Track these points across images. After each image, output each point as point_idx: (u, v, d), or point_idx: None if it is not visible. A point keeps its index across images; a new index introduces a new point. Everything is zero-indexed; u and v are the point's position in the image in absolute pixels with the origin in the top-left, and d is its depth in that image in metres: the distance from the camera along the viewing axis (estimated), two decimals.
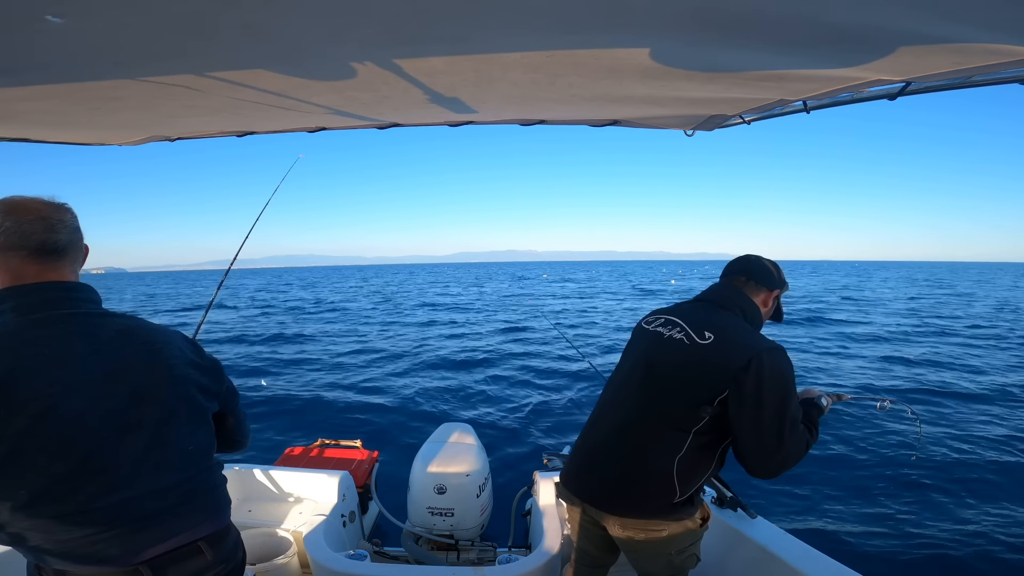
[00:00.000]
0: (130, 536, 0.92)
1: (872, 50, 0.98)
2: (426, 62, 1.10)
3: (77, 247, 1.00)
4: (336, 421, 6.59)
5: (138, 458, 0.93)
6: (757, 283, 1.57)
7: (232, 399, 1.15)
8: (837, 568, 1.61)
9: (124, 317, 1.01)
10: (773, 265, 1.62)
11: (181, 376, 1.01)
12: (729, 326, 1.45)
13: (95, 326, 0.95)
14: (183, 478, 0.99)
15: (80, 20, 0.84)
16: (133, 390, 0.94)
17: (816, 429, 1.51)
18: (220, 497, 1.09)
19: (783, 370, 1.37)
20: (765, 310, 1.59)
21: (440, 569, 2.11)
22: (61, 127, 1.70)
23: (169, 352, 1.01)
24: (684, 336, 1.46)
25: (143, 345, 0.98)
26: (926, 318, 16.91)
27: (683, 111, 1.63)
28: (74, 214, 1.00)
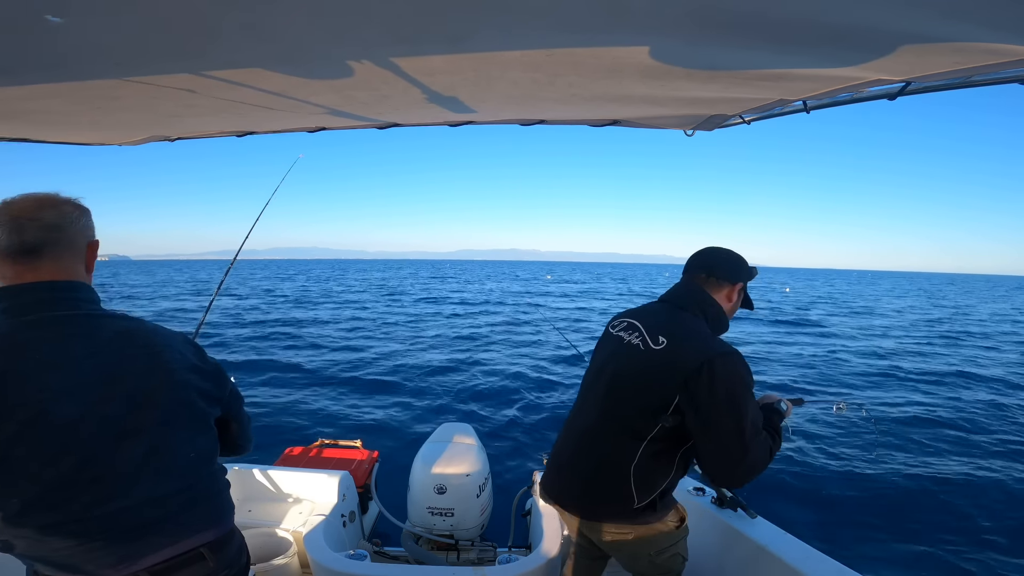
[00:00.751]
0: (128, 545, 0.90)
1: (872, 50, 0.98)
2: (425, 61, 1.10)
3: (59, 244, 0.93)
4: (336, 421, 6.60)
5: (136, 465, 0.91)
6: (719, 279, 1.51)
7: (235, 404, 1.13)
8: (837, 568, 1.61)
9: (124, 318, 0.99)
10: (735, 257, 1.55)
11: (181, 381, 0.98)
12: (684, 330, 1.41)
13: (93, 328, 0.92)
14: (184, 485, 0.97)
15: (80, 20, 0.84)
16: (131, 394, 0.91)
17: (779, 435, 1.46)
18: (223, 503, 1.07)
19: (737, 375, 1.31)
20: (730, 305, 1.53)
21: (440, 569, 2.11)
22: (61, 127, 1.70)
23: (170, 355, 0.97)
24: (640, 341, 1.44)
25: (143, 348, 0.95)
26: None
27: (683, 111, 1.63)
28: (63, 211, 0.95)
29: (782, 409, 1.55)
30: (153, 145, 2.10)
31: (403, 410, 7.13)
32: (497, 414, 7.06)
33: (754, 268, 1.58)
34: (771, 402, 1.56)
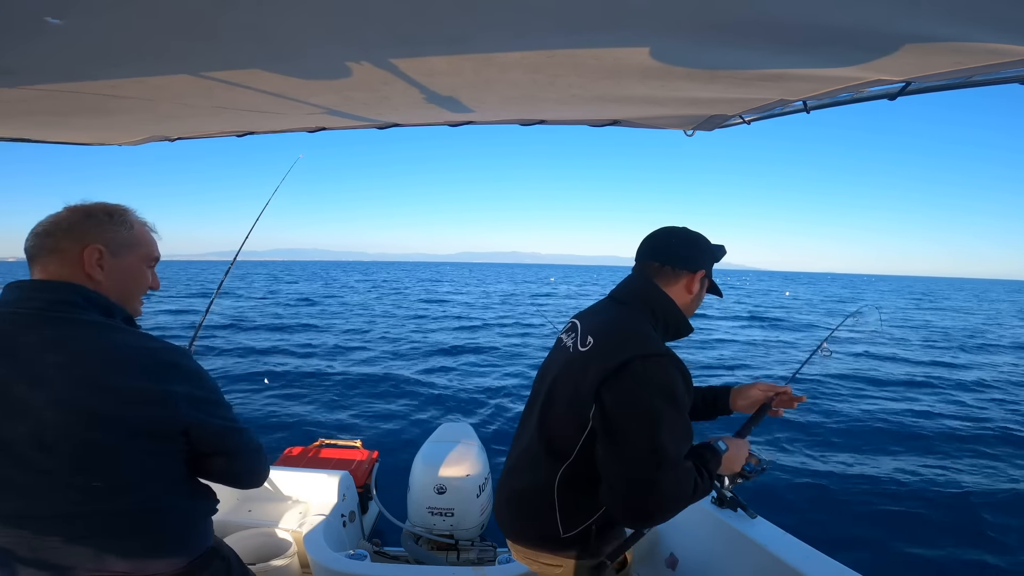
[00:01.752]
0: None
1: (872, 50, 0.98)
2: (426, 62, 1.10)
3: (45, 249, 0.93)
4: (336, 421, 6.60)
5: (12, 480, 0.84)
6: (675, 267, 1.26)
7: (216, 439, 0.99)
8: (837, 568, 1.61)
9: (65, 324, 0.88)
10: (693, 238, 1.30)
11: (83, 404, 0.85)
12: (615, 327, 1.19)
13: (23, 327, 0.87)
14: (82, 511, 0.88)
15: (80, 20, 0.84)
16: (17, 400, 0.83)
17: (708, 476, 1.16)
18: (167, 538, 0.96)
19: (660, 382, 1.06)
20: (690, 297, 1.28)
21: (440, 569, 2.12)
22: (61, 127, 1.70)
23: (88, 373, 0.85)
24: (572, 343, 1.24)
25: (62, 356, 0.85)
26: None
27: (683, 111, 1.62)
28: (56, 218, 0.95)
29: (720, 448, 1.24)
30: (153, 145, 2.10)
31: (403, 410, 7.13)
32: (497, 414, 7.06)
33: (720, 247, 1.34)
34: (709, 441, 1.28)
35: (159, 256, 1.07)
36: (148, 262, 1.05)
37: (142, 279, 1.03)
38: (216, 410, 0.98)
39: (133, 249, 1.01)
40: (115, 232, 0.98)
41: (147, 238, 1.05)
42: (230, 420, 1.00)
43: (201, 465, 1.00)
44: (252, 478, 1.09)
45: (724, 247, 1.35)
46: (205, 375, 0.97)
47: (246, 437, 1.04)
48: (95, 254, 0.94)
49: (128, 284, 1.00)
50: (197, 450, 0.97)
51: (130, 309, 1.02)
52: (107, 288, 0.96)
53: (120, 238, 0.98)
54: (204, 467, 1.01)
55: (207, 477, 1.03)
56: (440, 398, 7.81)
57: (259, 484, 1.11)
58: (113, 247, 0.97)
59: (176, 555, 0.97)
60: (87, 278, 0.94)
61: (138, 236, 1.02)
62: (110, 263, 0.96)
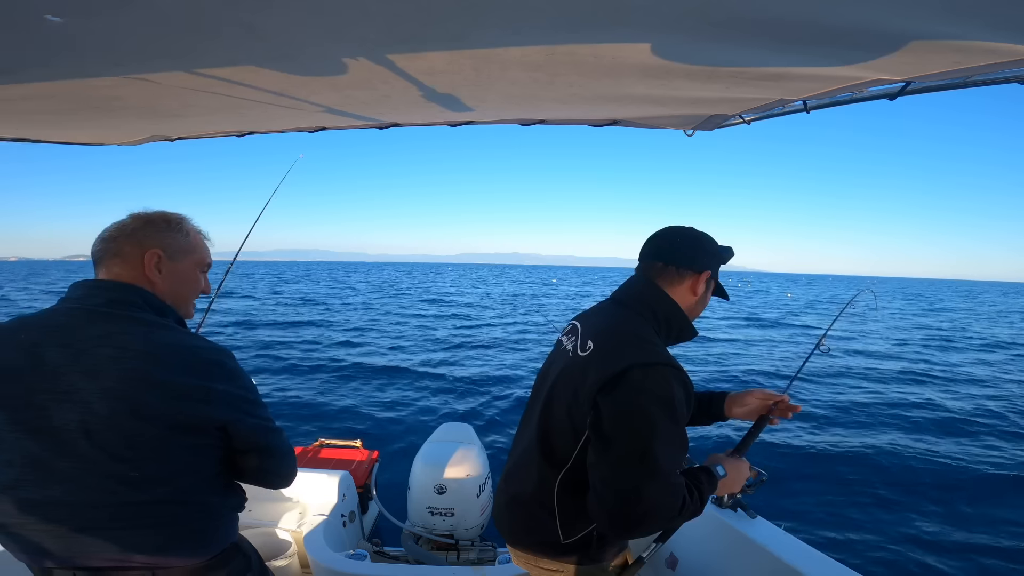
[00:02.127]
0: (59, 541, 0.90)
1: (872, 49, 0.98)
2: (425, 61, 1.10)
3: (109, 253, 1.02)
4: (336, 421, 6.60)
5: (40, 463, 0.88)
6: (678, 267, 1.22)
7: (251, 436, 1.02)
8: (837, 568, 1.61)
9: (122, 321, 0.94)
10: (699, 237, 1.27)
11: (130, 395, 0.89)
12: (616, 331, 1.17)
13: (83, 322, 0.93)
14: (115, 501, 0.91)
15: (80, 20, 0.84)
16: (71, 391, 0.88)
17: (700, 499, 1.13)
18: (194, 532, 0.99)
19: (659, 392, 1.04)
20: (694, 299, 1.25)
21: (440, 569, 2.12)
22: (61, 127, 1.70)
23: (136, 365, 0.90)
24: (572, 346, 1.22)
25: (116, 350, 0.90)
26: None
27: (683, 111, 1.62)
28: (120, 224, 1.03)
29: (718, 474, 1.22)
30: (153, 145, 2.10)
31: (403, 410, 7.13)
32: (498, 414, 7.06)
33: (727, 248, 1.31)
34: (709, 464, 1.25)
35: (211, 262, 1.14)
36: (201, 267, 1.12)
37: (195, 283, 1.10)
38: (253, 409, 1.02)
39: (189, 255, 1.08)
40: (173, 238, 1.05)
41: (201, 245, 1.12)
42: (265, 420, 1.04)
43: (235, 463, 1.04)
44: (282, 478, 1.12)
45: (731, 249, 1.32)
46: (245, 375, 1.02)
47: (280, 438, 1.08)
48: (155, 258, 1.02)
49: (183, 287, 1.07)
50: (232, 447, 1.01)
51: (182, 311, 1.08)
52: (163, 290, 1.03)
53: (177, 244, 1.06)
54: (237, 464, 1.04)
55: (239, 475, 1.07)
56: (440, 398, 7.81)
57: (287, 484, 1.14)
58: (171, 252, 1.04)
59: (201, 549, 0.99)
60: (146, 280, 1.01)
61: (194, 243, 1.10)
62: (168, 267, 1.04)
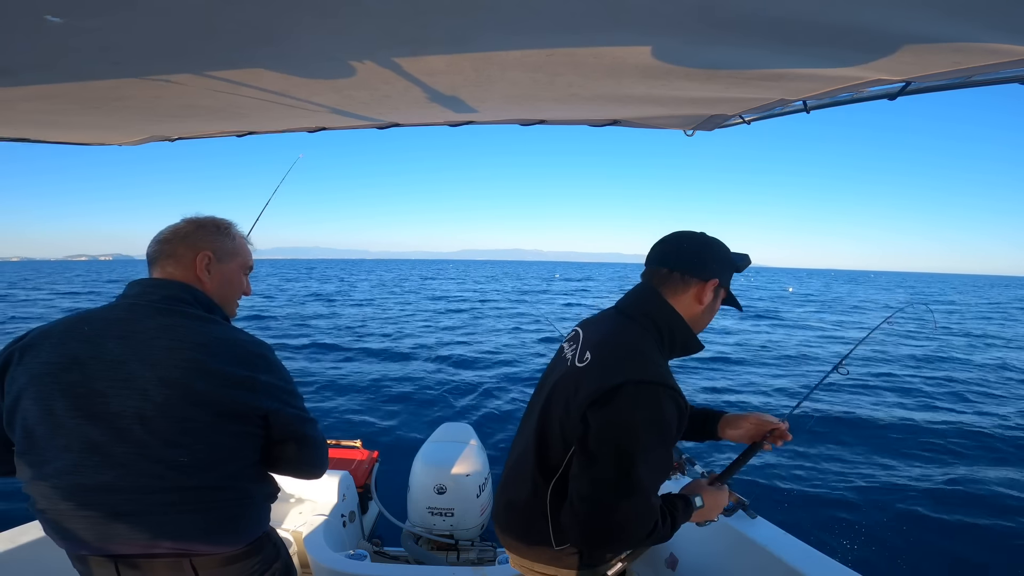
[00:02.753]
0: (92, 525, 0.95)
1: (872, 50, 0.98)
2: (426, 61, 1.10)
3: (162, 254, 1.09)
4: (336, 421, 6.60)
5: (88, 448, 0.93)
6: (683, 273, 1.17)
7: (290, 425, 1.06)
8: (837, 568, 1.61)
9: (183, 317, 1.00)
10: (707, 243, 1.21)
11: (185, 384, 0.95)
12: (614, 344, 1.13)
13: (141, 315, 1.00)
14: (163, 486, 0.95)
15: (80, 20, 0.84)
16: (129, 379, 0.93)
17: (672, 524, 1.12)
18: (233, 518, 1.02)
19: (651, 413, 1.02)
20: (700, 309, 1.19)
21: (440, 569, 2.12)
22: (61, 127, 1.70)
23: (191, 356, 0.96)
24: (572, 355, 1.20)
25: (172, 341, 0.97)
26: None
27: (683, 111, 1.62)
28: (175, 227, 1.11)
29: (695, 504, 1.21)
30: (153, 145, 2.10)
31: (404, 410, 7.14)
32: (498, 414, 7.06)
33: (742, 256, 1.25)
34: (688, 492, 1.24)
35: (253, 265, 1.22)
36: (245, 270, 1.19)
37: (239, 284, 1.18)
38: (292, 400, 1.07)
39: (235, 257, 1.15)
40: (222, 242, 1.13)
41: (245, 249, 1.20)
42: (303, 410, 1.10)
43: (272, 452, 1.08)
44: (316, 467, 1.16)
45: (747, 256, 1.25)
46: (284, 368, 1.09)
47: (315, 428, 1.13)
48: (205, 259, 1.09)
49: (228, 287, 1.14)
50: (271, 436, 1.05)
51: (227, 309, 1.15)
52: (211, 289, 1.10)
53: (226, 247, 1.13)
54: (274, 454, 1.08)
55: (274, 465, 1.10)
56: (441, 398, 7.81)
57: (319, 475, 1.18)
58: (220, 254, 1.12)
59: (238, 535, 1.03)
60: (196, 280, 1.08)
61: (239, 246, 1.17)
62: (216, 268, 1.11)
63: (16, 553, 1.66)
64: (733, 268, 1.23)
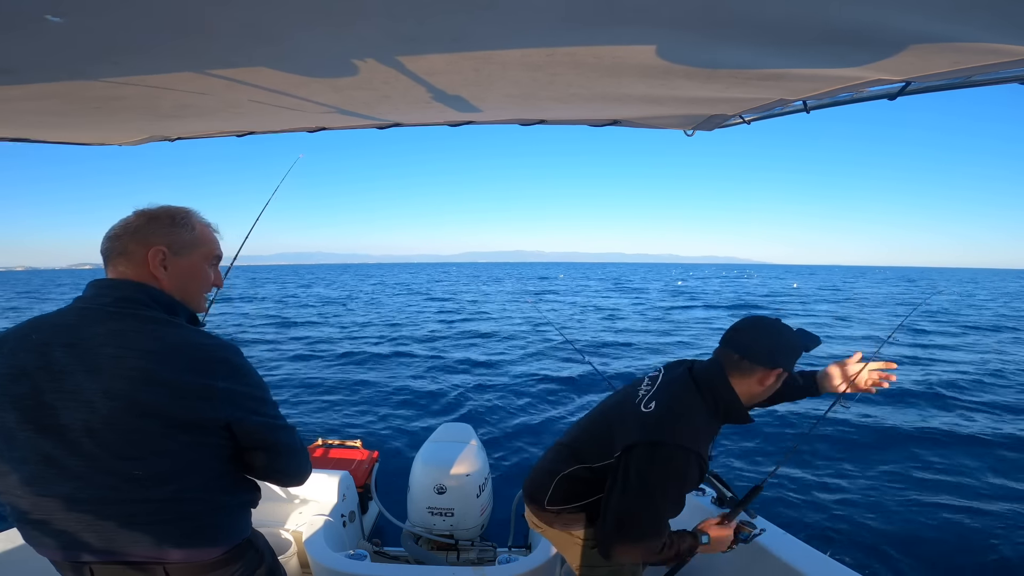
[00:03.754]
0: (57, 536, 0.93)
1: (872, 50, 0.98)
2: (426, 61, 1.10)
3: (115, 251, 1.02)
4: (336, 421, 6.60)
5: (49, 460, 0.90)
6: (752, 362, 1.34)
7: (256, 434, 1.02)
8: (837, 568, 1.61)
9: (128, 320, 0.94)
10: (777, 332, 1.36)
11: (127, 392, 0.89)
12: (673, 408, 1.35)
13: (90, 320, 0.94)
14: (121, 498, 0.92)
15: (80, 20, 0.84)
16: (75, 390, 0.89)
17: (677, 554, 1.37)
18: (202, 528, 0.99)
19: (676, 470, 1.27)
20: (760, 390, 1.37)
21: (440, 569, 2.12)
22: (61, 127, 1.70)
23: (132, 363, 0.90)
24: (644, 394, 1.42)
25: (118, 349, 0.91)
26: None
27: (683, 111, 1.62)
28: (125, 221, 1.03)
29: (701, 540, 1.43)
30: (153, 145, 2.10)
31: (404, 410, 7.13)
32: (497, 414, 7.06)
33: (812, 339, 1.39)
34: (697, 530, 1.46)
35: (221, 255, 1.14)
36: (209, 260, 1.11)
37: (203, 277, 1.10)
38: (259, 406, 1.01)
39: (195, 249, 1.07)
40: (177, 234, 1.05)
41: (208, 237, 1.11)
42: (271, 417, 1.04)
43: (244, 459, 1.04)
44: (291, 476, 1.12)
45: (817, 338, 1.40)
46: (251, 372, 1.01)
47: (288, 435, 1.08)
48: (159, 255, 1.01)
49: (190, 282, 1.07)
50: (240, 444, 1.01)
51: (194, 306, 1.09)
52: (170, 286, 1.03)
53: (182, 239, 1.05)
54: (246, 461, 1.05)
55: (251, 472, 1.07)
56: (441, 398, 7.81)
57: (299, 483, 1.15)
58: (176, 247, 1.04)
59: (211, 544, 1.00)
60: (151, 277, 1.01)
61: (199, 236, 1.09)
62: (173, 263, 1.03)
63: (5, 556, 1.66)
64: (798, 355, 1.38)
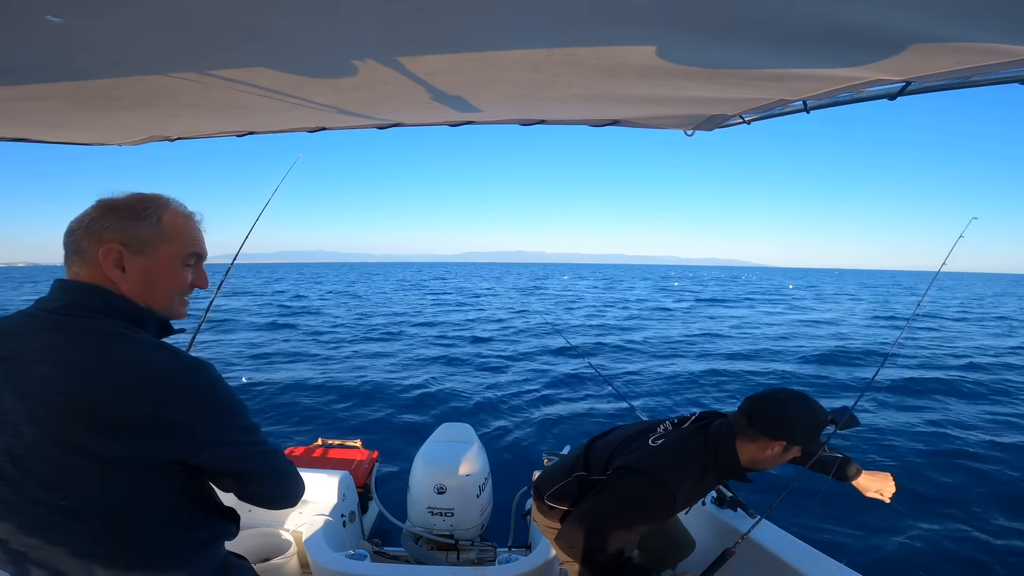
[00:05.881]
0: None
1: (872, 50, 0.98)
2: (426, 61, 1.10)
3: (70, 249, 0.87)
4: (336, 421, 6.60)
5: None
6: (755, 429, 1.42)
7: (219, 464, 0.88)
8: (837, 568, 1.61)
9: (71, 331, 0.80)
10: (785, 411, 1.41)
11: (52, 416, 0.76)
12: (671, 450, 1.47)
13: (32, 329, 0.81)
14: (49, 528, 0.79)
15: (80, 20, 0.84)
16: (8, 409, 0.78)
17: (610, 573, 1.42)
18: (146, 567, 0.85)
19: (649, 503, 1.38)
20: (763, 456, 1.43)
21: (440, 569, 2.12)
22: (61, 127, 1.70)
23: (71, 394, 0.76)
24: (659, 433, 1.55)
25: (53, 367, 0.77)
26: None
27: (683, 111, 1.62)
28: (83, 214, 0.88)
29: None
30: (153, 145, 2.10)
31: (404, 410, 7.13)
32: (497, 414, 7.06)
33: (824, 418, 1.43)
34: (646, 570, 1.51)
35: (200, 251, 0.95)
36: (183, 259, 0.92)
37: (174, 279, 0.92)
38: (223, 434, 0.86)
39: (160, 246, 0.89)
40: (137, 228, 0.87)
41: (180, 232, 0.92)
42: (242, 445, 0.89)
43: (217, 482, 0.93)
44: (276, 501, 1.00)
45: (830, 418, 1.46)
46: (216, 394, 0.84)
47: (264, 461, 0.93)
48: (112, 254, 0.85)
49: (156, 286, 0.89)
50: (205, 472, 0.89)
51: (167, 312, 0.92)
52: (132, 290, 0.87)
53: (143, 234, 0.88)
54: (220, 484, 0.93)
55: (227, 491, 0.95)
56: (441, 398, 7.81)
57: (288, 506, 1.02)
58: (135, 244, 0.87)
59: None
60: (107, 280, 0.86)
61: (167, 231, 0.90)
62: (132, 263, 0.87)
63: None
64: (811, 431, 1.43)
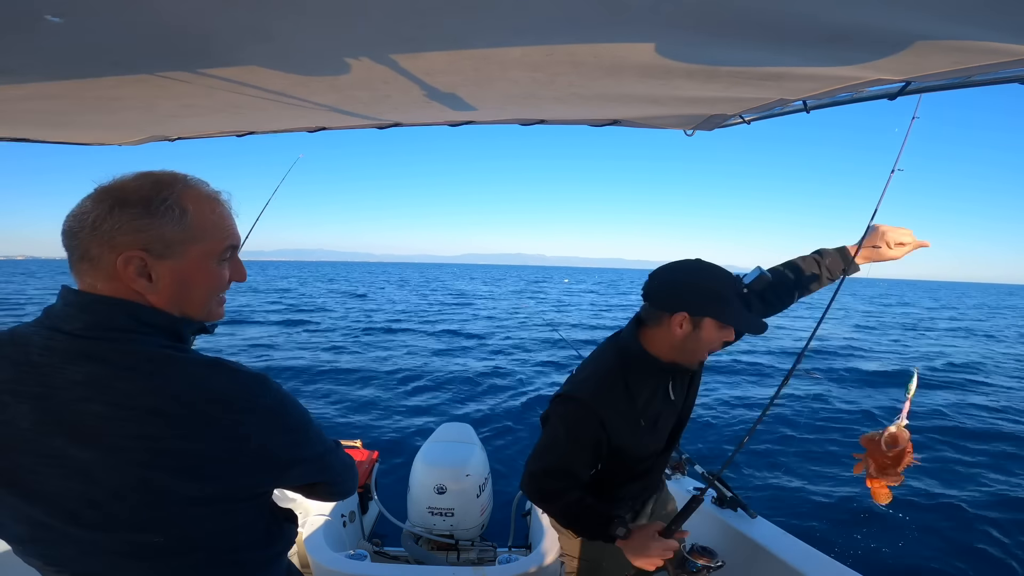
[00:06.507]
0: None
1: (872, 50, 0.98)
2: (426, 61, 1.10)
3: (76, 256, 0.71)
4: (336, 421, 6.60)
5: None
6: (654, 307, 1.27)
7: (303, 478, 0.89)
8: (837, 568, 1.61)
9: (107, 360, 0.68)
10: (678, 278, 1.27)
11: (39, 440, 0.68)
12: (586, 365, 1.42)
13: (55, 360, 0.68)
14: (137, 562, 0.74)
15: (80, 20, 0.84)
16: (59, 456, 0.68)
17: (587, 525, 1.32)
18: None
19: (560, 418, 1.34)
20: (675, 340, 1.25)
21: (440, 569, 2.12)
22: (61, 127, 1.70)
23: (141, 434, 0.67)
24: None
25: (107, 407, 0.67)
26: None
27: (683, 111, 1.62)
28: (81, 211, 0.71)
29: (617, 533, 1.25)
30: (153, 145, 2.10)
31: (404, 410, 7.14)
32: (498, 414, 7.06)
33: (729, 282, 1.24)
34: (621, 522, 1.27)
35: (236, 243, 0.80)
36: (218, 256, 0.78)
37: (210, 280, 0.78)
38: (301, 451, 0.81)
39: (189, 244, 0.74)
40: (158, 227, 0.71)
41: (210, 225, 0.76)
42: (317, 456, 0.85)
43: (291, 490, 0.94)
44: (343, 494, 1.01)
45: (739, 280, 1.26)
46: (285, 409, 0.77)
47: (335, 460, 0.90)
48: (133, 263, 0.70)
49: (191, 290, 0.76)
50: (288, 486, 0.89)
51: (203, 316, 0.80)
52: (164, 301, 0.74)
53: (166, 234, 0.72)
54: (294, 490, 0.94)
55: (295, 495, 0.98)
56: (441, 398, 7.81)
57: (350, 495, 1.03)
58: (158, 248, 0.71)
59: None
60: (133, 293, 0.72)
61: (195, 227, 0.74)
62: (160, 269, 0.72)
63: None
64: (718, 295, 1.23)
